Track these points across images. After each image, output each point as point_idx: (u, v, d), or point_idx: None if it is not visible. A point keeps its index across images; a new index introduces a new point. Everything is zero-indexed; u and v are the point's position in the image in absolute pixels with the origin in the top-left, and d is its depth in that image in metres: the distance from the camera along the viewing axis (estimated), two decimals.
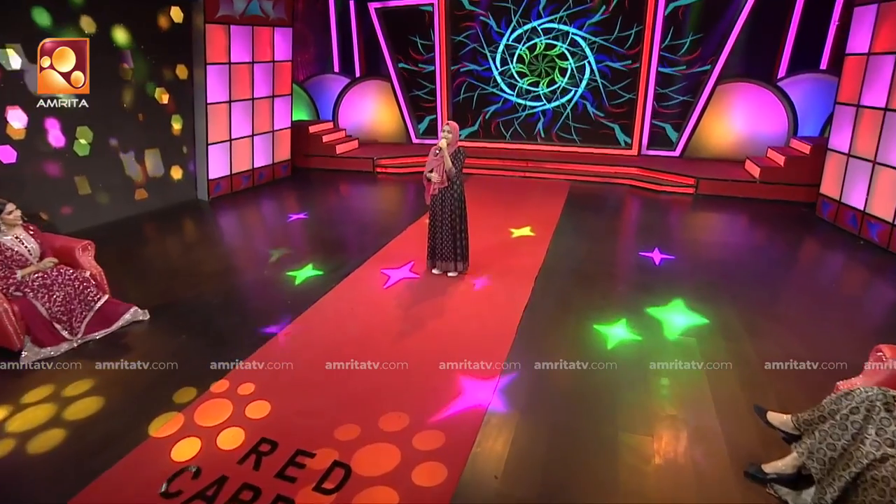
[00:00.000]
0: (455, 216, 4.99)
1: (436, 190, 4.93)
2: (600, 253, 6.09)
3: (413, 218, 7.39)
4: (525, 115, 10.50)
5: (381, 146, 10.95)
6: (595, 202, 8.10)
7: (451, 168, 4.82)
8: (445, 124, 4.83)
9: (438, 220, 5.07)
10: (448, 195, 5.00)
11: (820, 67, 8.92)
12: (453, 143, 4.88)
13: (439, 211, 4.98)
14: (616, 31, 9.51)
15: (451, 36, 10.44)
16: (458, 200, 4.95)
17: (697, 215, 7.63)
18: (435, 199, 4.99)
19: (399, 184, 9.50)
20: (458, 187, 4.94)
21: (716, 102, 9.22)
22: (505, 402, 3.61)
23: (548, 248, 6.18)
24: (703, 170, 8.74)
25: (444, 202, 5.02)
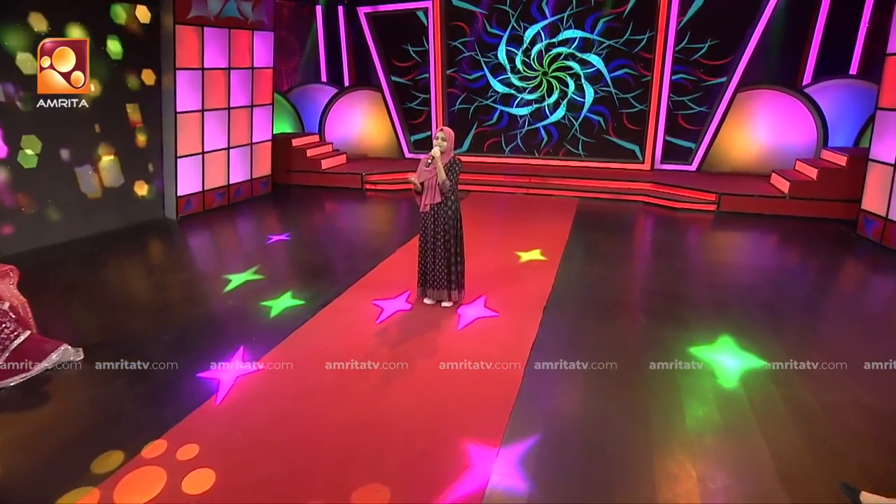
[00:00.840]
0: (450, 237, 4.47)
1: (427, 206, 4.43)
2: (615, 278, 5.56)
3: (405, 239, 6.91)
4: (527, 126, 10.16)
5: (371, 161, 10.71)
6: (606, 221, 7.71)
7: (446, 181, 4.33)
8: (439, 130, 4.37)
9: (430, 241, 4.56)
10: (441, 213, 4.49)
11: (850, 72, 8.58)
12: (448, 152, 4.39)
13: (431, 231, 4.48)
14: (626, 36, 9.18)
15: (448, 40, 10.09)
16: (452, 219, 4.44)
17: (720, 235, 7.20)
18: (426, 218, 4.51)
19: (390, 202, 9.07)
20: (453, 204, 4.44)
21: (736, 111, 8.85)
22: (511, 473, 2.94)
23: (556, 273, 5.68)
24: (725, 185, 8.32)
25: (437, 221, 4.51)
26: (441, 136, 4.33)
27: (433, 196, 4.40)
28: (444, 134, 4.32)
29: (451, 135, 4.38)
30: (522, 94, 9.95)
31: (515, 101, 10.06)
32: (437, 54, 10.16)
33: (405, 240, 6.84)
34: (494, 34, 9.90)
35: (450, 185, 4.31)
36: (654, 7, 8.89)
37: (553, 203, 8.69)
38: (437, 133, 4.37)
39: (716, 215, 7.84)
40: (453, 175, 4.34)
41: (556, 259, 6.10)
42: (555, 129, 10.03)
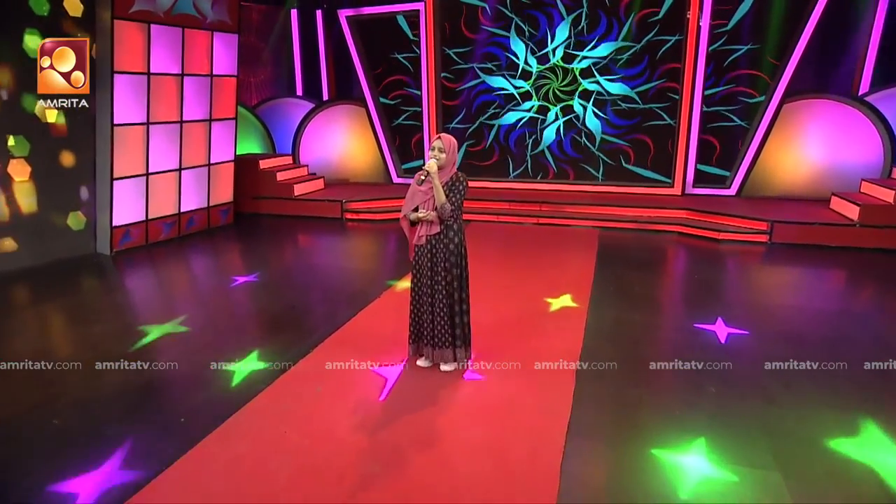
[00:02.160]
0: (452, 279, 3.67)
1: (421, 238, 3.63)
2: (660, 328, 4.77)
3: (394, 278, 6.05)
4: (536, 145, 9.52)
5: (353, 187, 10.07)
6: (636, 256, 7.03)
7: (445, 204, 3.53)
8: (436, 138, 3.59)
9: (427, 284, 3.72)
10: (440, 247, 3.67)
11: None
12: (448, 167, 3.59)
13: (428, 271, 3.69)
14: (648, 39, 8.62)
15: (443, 47, 9.50)
16: (455, 255, 3.66)
17: (774, 271, 6.52)
18: (421, 255, 3.72)
19: (375, 234, 8.29)
20: (456, 235, 3.67)
21: (782, 125, 8.25)
22: None
23: (585, 322, 4.79)
24: (775, 211, 7.63)
25: (436, 258, 3.68)
26: (438, 147, 3.55)
27: (429, 225, 3.60)
28: (441, 143, 3.55)
29: (451, 143, 3.58)
30: (528, 111, 9.38)
31: (523, 117, 9.48)
32: (430, 63, 9.56)
33: (393, 279, 5.97)
34: (499, 37, 9.29)
35: (451, 210, 3.52)
36: (681, 9, 8.33)
37: (569, 234, 7.93)
38: (434, 141, 3.57)
39: (768, 247, 7.16)
40: (456, 197, 3.57)
41: (584, 305, 5.22)
42: (568, 148, 9.39)
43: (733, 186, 8.57)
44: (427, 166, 3.49)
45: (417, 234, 3.70)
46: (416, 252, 3.76)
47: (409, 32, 9.58)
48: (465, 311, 3.81)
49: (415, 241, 3.73)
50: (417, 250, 3.75)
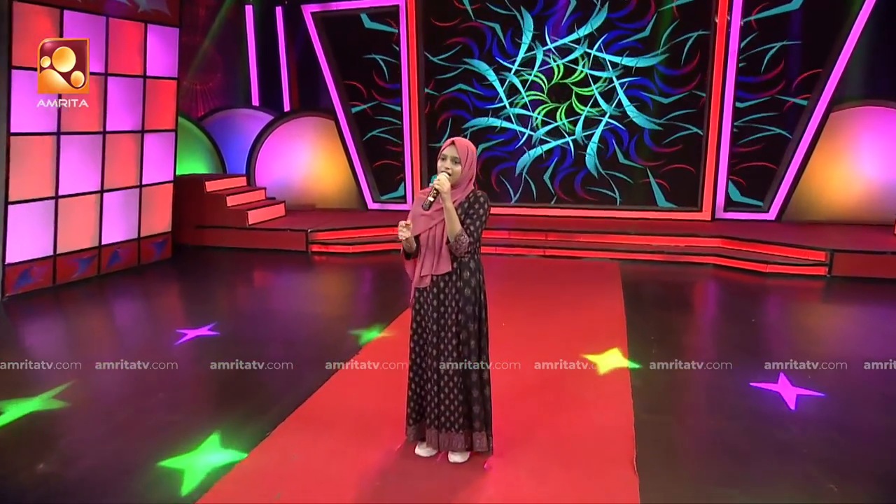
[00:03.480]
0: (467, 337, 3.00)
1: (426, 279, 2.98)
2: (731, 391, 4.10)
3: (375, 327, 5.26)
4: (537, 162, 9.05)
5: (321, 214, 9.53)
6: (668, 293, 6.59)
7: (462, 236, 2.89)
8: (448, 144, 2.95)
9: (432, 344, 3.04)
10: (451, 293, 3.00)
11: None
12: (463, 183, 2.96)
13: (433, 326, 3.02)
14: (664, 39, 8.23)
15: (425, 53, 9.05)
16: (472, 304, 2.99)
17: (839, 312, 6.06)
18: (424, 301, 3.06)
19: (348, 270, 7.64)
20: (473, 276, 3.02)
21: (829, 138, 7.87)
22: None
23: (630, 384, 4.09)
24: (831, 238, 7.19)
25: (445, 308, 3.00)
26: (450, 156, 2.90)
27: (435, 262, 2.95)
28: (455, 150, 2.91)
29: (468, 151, 2.94)
30: (534, 115, 8.92)
31: (524, 131, 9.01)
32: (413, 69, 9.02)
33: (374, 330, 5.15)
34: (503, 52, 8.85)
35: (468, 244, 2.89)
36: None
37: (585, 269, 7.33)
38: (444, 149, 2.93)
39: (827, 282, 6.68)
40: (475, 225, 2.93)
41: (623, 360, 4.50)
42: (576, 167, 8.94)
43: (772, 210, 8.11)
44: (437, 183, 2.80)
45: (419, 270, 2.97)
46: (416, 298, 3.01)
47: (386, 31, 9.04)
48: (486, 382, 3.04)
49: (415, 282, 3.00)
50: (419, 295, 3.01)
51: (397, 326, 5.11)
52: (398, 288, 6.19)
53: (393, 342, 4.77)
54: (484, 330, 3.02)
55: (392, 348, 4.53)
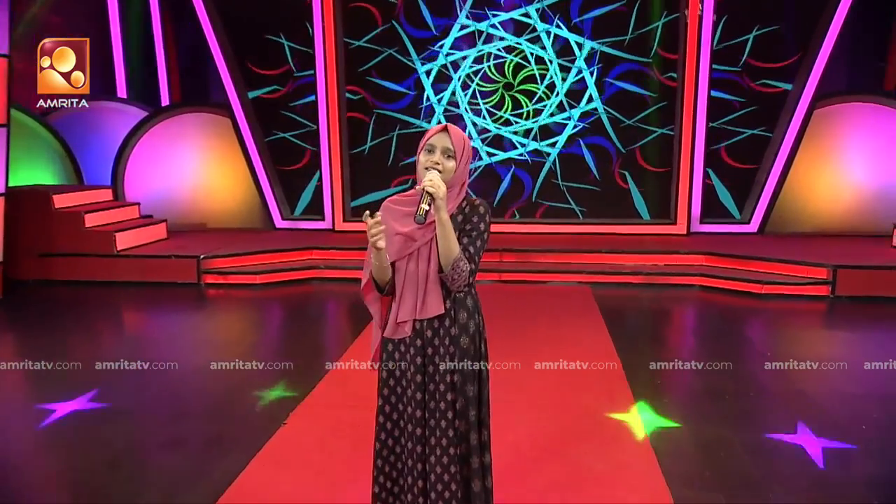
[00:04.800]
0: (464, 407, 2.51)
1: (405, 327, 2.48)
2: (787, 459, 3.78)
3: (303, 384, 4.52)
4: (485, 171, 8.75)
5: (215, 235, 8.94)
6: (656, 324, 6.45)
7: (460, 261, 2.37)
8: (438, 130, 2.44)
9: (417, 420, 2.52)
10: (442, 345, 2.49)
11: None
12: (454, 187, 2.48)
13: (419, 393, 2.49)
14: (631, 30, 8.13)
15: (345, 38, 8.53)
16: (470, 355, 2.50)
17: (853, 339, 5.85)
18: (401, 360, 2.53)
19: (253, 306, 6.94)
20: (471, 318, 2.53)
21: (813, 137, 7.86)
22: None
23: (650, 444, 3.78)
24: (829, 252, 7.11)
25: (434, 365, 2.50)
26: (441, 147, 2.40)
27: (420, 300, 2.45)
28: (448, 139, 2.40)
29: (464, 140, 2.44)
30: (477, 119, 8.60)
31: (465, 131, 8.49)
32: (331, 56, 8.40)
33: (291, 390, 4.35)
34: (426, 27, 8.45)
35: (469, 272, 2.42)
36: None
37: (551, 295, 6.97)
38: (432, 137, 2.42)
39: (831, 302, 6.56)
40: (475, 244, 2.46)
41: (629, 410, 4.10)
42: (528, 174, 8.67)
43: (753, 221, 8.04)
44: (428, 184, 2.23)
45: (394, 314, 2.44)
46: (389, 354, 2.47)
47: (301, 4, 8.44)
48: (487, 467, 2.52)
49: (389, 331, 2.45)
50: (392, 350, 2.46)
51: (333, 384, 4.41)
52: (324, 326, 5.86)
53: (325, 406, 4.04)
54: (485, 394, 2.49)
55: (339, 418, 3.78)
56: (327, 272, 7.26)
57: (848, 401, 4.39)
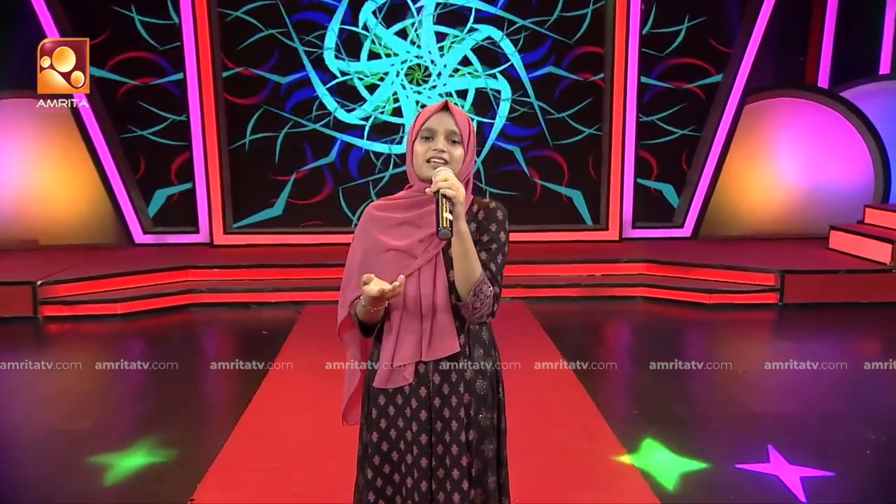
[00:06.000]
0: (481, 467, 2.18)
1: (404, 371, 2.13)
2: None
3: (174, 445, 3.84)
4: (391, 170, 8.36)
5: (55, 255, 8.03)
6: (607, 343, 6.49)
7: (483, 284, 2.03)
8: (439, 109, 2.08)
9: (414, 497, 2.17)
10: (453, 389, 2.15)
11: (879, 72, 8.69)
12: (466, 188, 2.19)
13: (420, 461, 2.13)
14: (558, 11, 8.00)
15: (219, 7, 7.85)
16: (488, 404, 2.20)
17: (809, 351, 5.83)
18: (397, 416, 2.16)
19: (112, 344, 6.06)
20: (489, 354, 2.21)
21: (744, 136, 8.05)
22: None
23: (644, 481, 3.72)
24: (773, 257, 7.28)
25: (443, 420, 2.15)
26: (446, 131, 2.07)
27: (427, 337, 2.11)
28: (452, 121, 2.07)
29: (469, 123, 2.14)
30: (380, 114, 8.21)
31: (367, 124, 8.22)
32: (204, 31, 7.64)
33: (159, 454, 3.69)
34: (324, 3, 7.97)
35: (494, 297, 2.09)
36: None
37: None
38: (430, 118, 2.07)
39: (780, 310, 6.68)
40: (496, 260, 2.14)
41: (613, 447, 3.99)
42: None
43: (687, 225, 8.09)
44: (442, 182, 1.92)
45: (387, 355, 2.09)
46: (381, 408, 2.12)
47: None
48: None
49: (380, 379, 2.10)
50: (385, 403, 2.12)
51: (247, 441, 3.70)
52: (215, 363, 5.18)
53: (246, 470, 3.37)
54: (505, 453, 2.23)
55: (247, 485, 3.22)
56: (209, 296, 6.45)
57: (817, 421, 4.40)
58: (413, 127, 2.04)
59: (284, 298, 6.49)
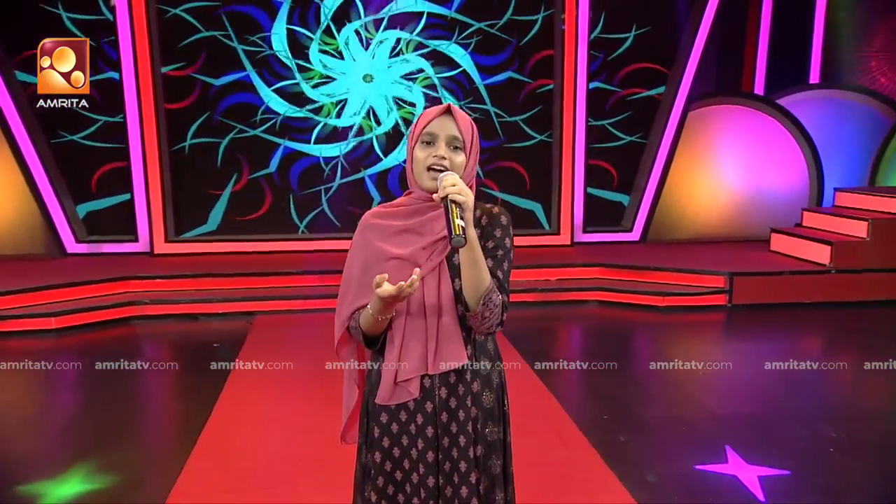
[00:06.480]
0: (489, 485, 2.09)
1: (409, 386, 2.03)
2: None
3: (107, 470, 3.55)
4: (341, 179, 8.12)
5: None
6: (567, 348, 6.46)
7: (492, 293, 1.93)
8: (442, 113, 1.99)
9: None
10: (460, 403, 2.04)
11: (809, 82, 8.94)
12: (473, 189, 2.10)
13: (426, 479, 2.02)
14: (509, 13, 7.93)
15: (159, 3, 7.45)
16: (495, 418, 2.12)
17: (759, 351, 5.98)
18: (400, 434, 2.04)
19: (46, 362, 5.45)
20: (494, 366, 2.14)
21: (689, 141, 8.16)
22: None
23: None
24: (720, 259, 7.38)
25: (451, 435, 2.04)
26: (448, 136, 1.97)
27: (433, 349, 2.03)
28: (454, 126, 1.99)
29: (472, 127, 2.06)
30: (327, 118, 7.96)
31: (315, 129, 7.96)
32: (142, 28, 7.23)
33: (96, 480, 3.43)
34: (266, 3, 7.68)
35: (502, 304, 2.00)
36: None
37: None
38: (431, 122, 1.97)
39: (729, 311, 6.78)
40: (503, 267, 2.08)
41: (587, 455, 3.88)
42: (396, 180, 8.23)
43: (636, 229, 8.13)
44: (449, 188, 1.83)
45: (394, 370, 1.98)
46: (383, 425, 2.00)
47: None
48: None
49: (383, 395, 1.98)
50: (388, 421, 2.00)
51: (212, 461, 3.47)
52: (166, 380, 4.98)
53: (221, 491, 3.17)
54: (511, 468, 2.15)
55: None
56: (152, 308, 6.05)
57: (772, 421, 4.42)
58: (413, 130, 1.94)
59: (235, 309, 6.17)
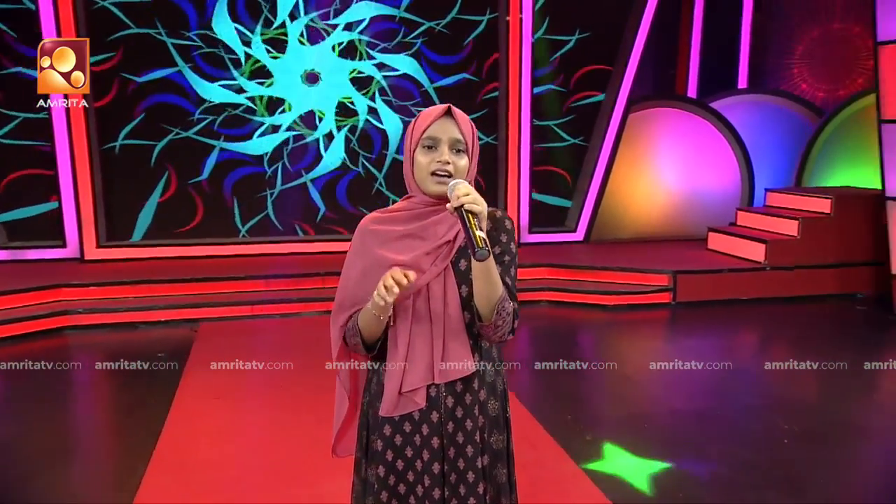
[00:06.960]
0: (494, 495, 2.02)
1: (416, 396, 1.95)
2: None
3: None
4: (281, 183, 7.79)
5: None
6: (514, 345, 6.24)
7: (506, 301, 1.87)
8: (441, 115, 1.89)
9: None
10: (467, 412, 1.95)
11: (738, 86, 9.22)
12: None
13: (433, 492, 1.91)
14: (453, 13, 7.83)
15: None
16: (500, 426, 2.05)
17: (703, 346, 6.15)
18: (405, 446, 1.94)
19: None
20: (499, 373, 2.07)
21: (629, 143, 8.21)
22: None
23: None
24: (663, 258, 7.49)
25: (457, 446, 1.94)
26: (450, 139, 1.89)
27: (440, 357, 1.95)
28: (456, 128, 1.89)
29: (472, 128, 1.96)
30: (266, 118, 7.63)
31: (253, 129, 7.61)
32: (69, 21, 6.78)
33: None
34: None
35: (514, 312, 1.93)
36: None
37: None
38: (431, 125, 1.88)
39: (673, 308, 6.88)
40: (510, 273, 2.03)
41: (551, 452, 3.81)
42: (342, 183, 7.94)
43: (579, 229, 8.12)
44: (462, 197, 1.71)
45: (400, 381, 1.88)
46: (386, 437, 1.90)
47: None
48: None
49: (387, 407, 1.88)
50: (392, 432, 1.90)
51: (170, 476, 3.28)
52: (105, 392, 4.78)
53: None
54: (514, 476, 2.09)
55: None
56: (84, 317, 5.59)
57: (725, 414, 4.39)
58: (412, 133, 1.84)
59: (177, 316, 5.79)
